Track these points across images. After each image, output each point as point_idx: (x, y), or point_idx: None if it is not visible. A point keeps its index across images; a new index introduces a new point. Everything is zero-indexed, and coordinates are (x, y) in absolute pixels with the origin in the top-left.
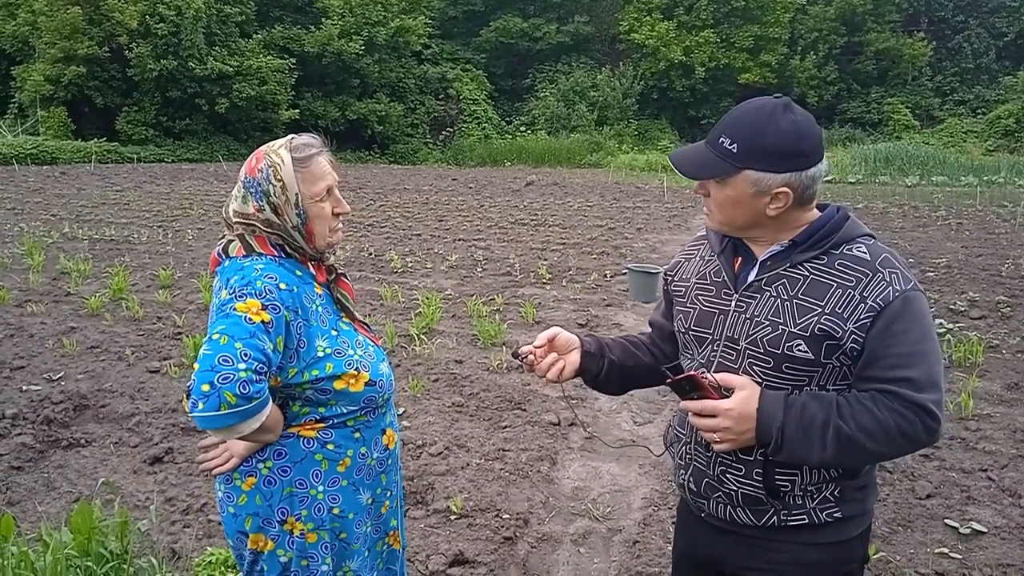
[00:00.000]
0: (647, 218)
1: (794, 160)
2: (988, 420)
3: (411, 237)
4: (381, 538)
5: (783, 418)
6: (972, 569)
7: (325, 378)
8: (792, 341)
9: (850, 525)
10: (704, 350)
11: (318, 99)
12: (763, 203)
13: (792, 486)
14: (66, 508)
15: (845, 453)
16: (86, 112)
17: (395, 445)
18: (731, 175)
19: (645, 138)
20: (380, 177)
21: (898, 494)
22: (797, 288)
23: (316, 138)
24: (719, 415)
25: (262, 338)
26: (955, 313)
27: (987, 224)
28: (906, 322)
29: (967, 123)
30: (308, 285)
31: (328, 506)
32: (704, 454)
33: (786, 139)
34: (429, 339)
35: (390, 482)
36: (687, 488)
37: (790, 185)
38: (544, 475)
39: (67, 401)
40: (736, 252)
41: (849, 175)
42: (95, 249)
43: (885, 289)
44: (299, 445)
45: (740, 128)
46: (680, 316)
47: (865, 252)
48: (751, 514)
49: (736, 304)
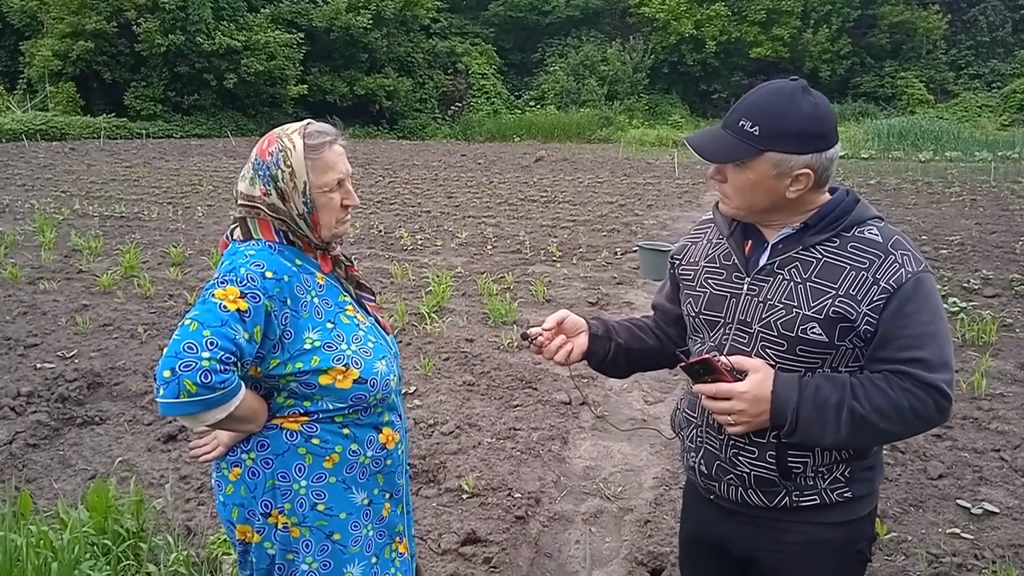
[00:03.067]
0: (658, 194)
1: (815, 142)
2: (1001, 400)
3: (420, 214)
4: (388, 544)
5: (798, 400)
6: (984, 550)
7: (310, 371)
8: (806, 324)
9: (859, 505)
10: (716, 333)
11: (326, 74)
12: (783, 185)
13: (804, 467)
14: (82, 486)
15: (858, 433)
16: (95, 88)
17: (396, 446)
18: (753, 158)
19: (656, 113)
20: (389, 153)
21: (910, 474)
22: (810, 271)
23: (332, 127)
24: (734, 398)
25: (235, 327)
26: (968, 291)
27: (1002, 200)
28: (918, 303)
29: (982, 97)
30: (309, 275)
31: (312, 502)
32: (716, 437)
33: (807, 121)
34: (439, 317)
35: (391, 484)
36: (698, 471)
37: (811, 167)
38: (555, 454)
39: (81, 379)
40: (746, 235)
41: (862, 150)
42: (106, 226)
43: (898, 271)
44: (281, 438)
45: (760, 111)
46: (689, 300)
47: (876, 234)
48: (763, 496)
49: (748, 287)
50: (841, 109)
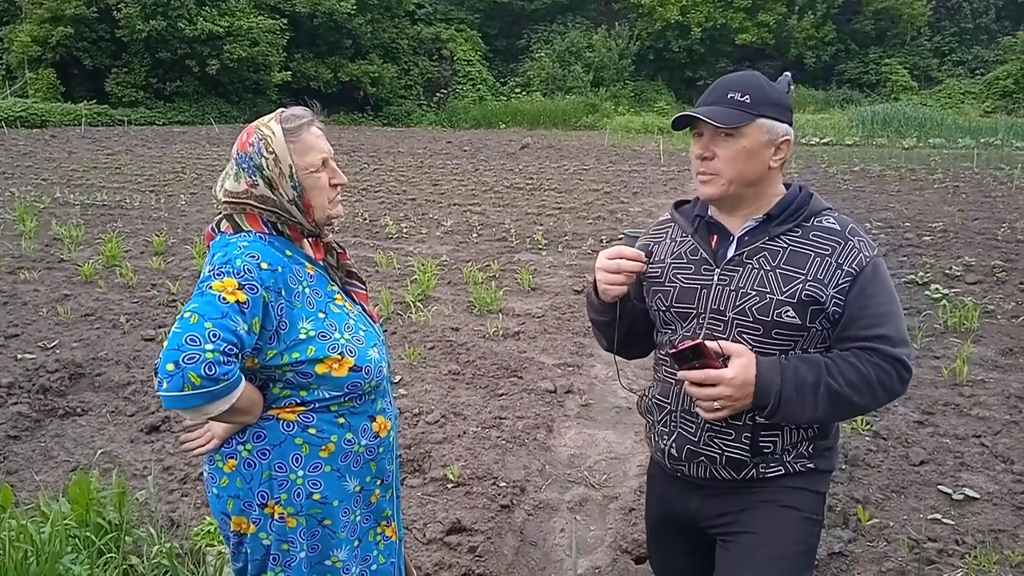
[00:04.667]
0: (643, 182)
1: (788, 113)
2: (982, 386)
3: (406, 202)
4: (372, 527)
5: (780, 382)
6: (964, 535)
7: (306, 361)
8: (780, 308)
9: (817, 479)
10: (689, 324)
11: (310, 60)
12: (769, 154)
13: (774, 446)
14: (63, 477)
15: (834, 408)
16: (75, 74)
17: (388, 433)
18: (748, 124)
19: (641, 99)
20: (374, 140)
21: (892, 460)
22: (778, 259)
23: (306, 110)
24: (721, 384)
25: (235, 319)
26: (951, 278)
27: (984, 187)
28: (877, 285)
29: (965, 84)
30: (299, 265)
31: (308, 491)
32: (691, 421)
33: (781, 95)
34: (425, 306)
35: (382, 470)
36: (667, 454)
37: (790, 136)
38: (540, 443)
39: (62, 370)
40: (711, 230)
41: (846, 137)
42: (87, 214)
43: (858, 255)
44: (278, 428)
45: (747, 85)
46: (658, 296)
47: (834, 223)
48: (731, 471)
49: (719, 278)
50: (826, 96)
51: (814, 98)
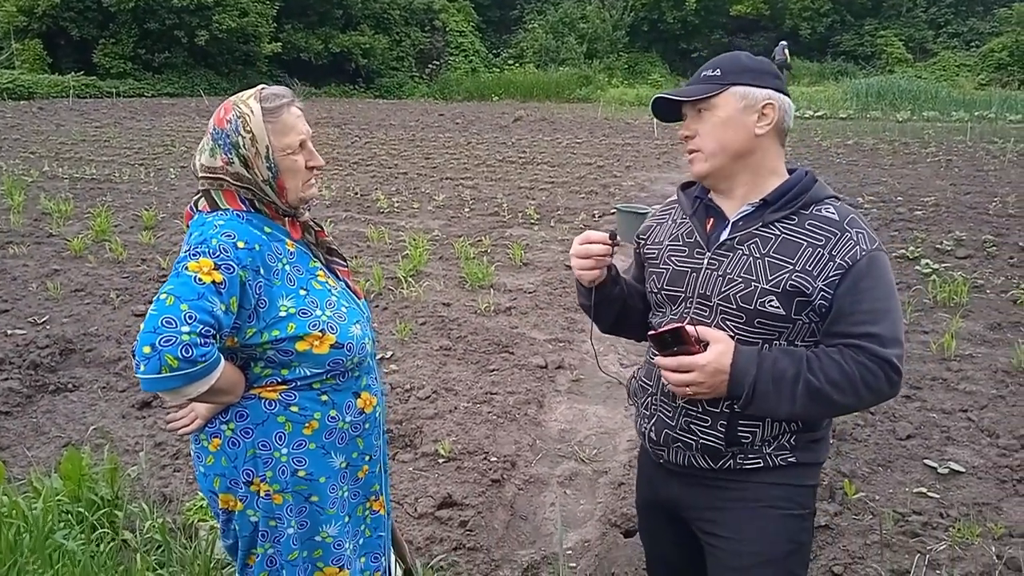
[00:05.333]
0: (636, 155)
1: (771, 79)
2: (970, 360)
3: (397, 176)
4: (361, 503)
5: (756, 373)
6: (949, 508)
7: (287, 339)
8: (764, 297)
9: (802, 472)
10: (677, 308)
11: (300, 31)
12: (751, 121)
13: (753, 437)
14: (55, 453)
15: (813, 405)
16: (62, 45)
17: (373, 409)
18: (720, 94)
19: (635, 72)
20: (365, 112)
21: (879, 435)
22: (769, 247)
23: (287, 89)
24: (695, 370)
25: (211, 299)
26: (941, 252)
27: (976, 161)
28: (872, 280)
29: (960, 56)
30: (278, 242)
31: (293, 468)
32: (669, 405)
33: (759, 62)
34: (416, 281)
35: (368, 446)
36: (647, 437)
37: (774, 100)
38: (531, 418)
39: (53, 345)
40: (708, 213)
41: (840, 110)
42: (76, 188)
43: (853, 248)
44: (260, 407)
45: (718, 61)
46: (653, 277)
47: (833, 213)
48: (709, 459)
49: (708, 262)
50: (821, 68)
51: (809, 70)
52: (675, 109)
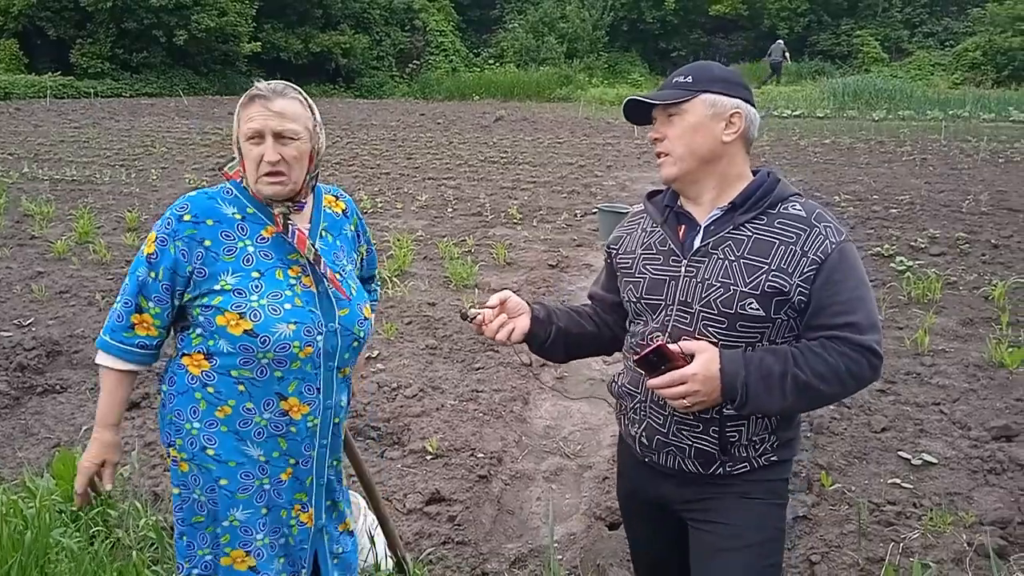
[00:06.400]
0: (617, 155)
1: (740, 89)
2: (943, 355)
3: (380, 176)
4: (286, 507)
5: (745, 374)
6: (922, 498)
7: (212, 308)
8: (744, 300)
9: (781, 468)
10: (658, 316)
11: (280, 31)
12: (719, 128)
13: (739, 436)
14: (46, 454)
15: (803, 398)
16: (38, 44)
17: (303, 418)
18: (690, 100)
19: (615, 71)
20: (346, 112)
21: (854, 428)
22: (743, 248)
23: (279, 86)
24: (687, 381)
25: (141, 269)
26: (915, 250)
27: (950, 159)
28: (844, 271)
29: (935, 56)
30: (257, 224)
31: (202, 444)
32: (660, 412)
33: (729, 72)
34: (401, 281)
35: (294, 451)
36: (638, 441)
37: (741, 109)
38: (517, 415)
39: (39, 347)
40: (679, 220)
41: (818, 109)
42: (57, 190)
43: (823, 243)
44: (184, 378)
45: (690, 68)
46: (629, 287)
47: (800, 209)
48: (699, 465)
49: (686, 269)
50: (798, 67)
51: (787, 69)
52: (646, 112)
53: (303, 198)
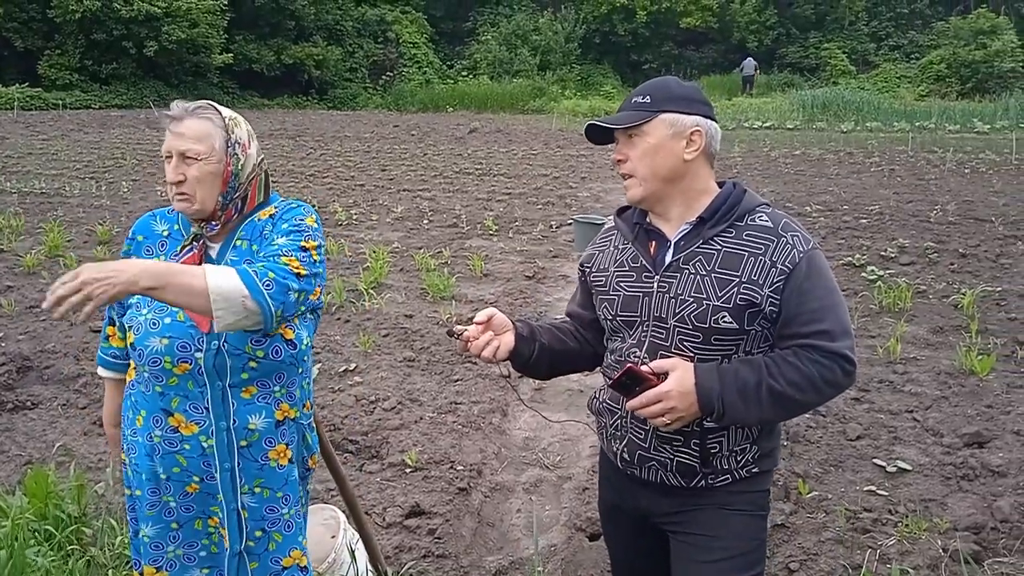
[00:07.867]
0: (591, 166)
1: (699, 106)
2: (915, 363)
3: (354, 188)
4: (199, 517)
5: (720, 387)
6: (897, 504)
7: (128, 320)
8: (717, 314)
9: (762, 479)
10: (635, 332)
11: (252, 42)
12: (680, 147)
13: (720, 447)
14: (17, 471)
15: (779, 407)
16: (5, 56)
17: (194, 435)
18: (650, 121)
19: (588, 83)
20: (319, 124)
21: (830, 436)
22: (713, 262)
23: (192, 105)
24: (663, 399)
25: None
26: (886, 259)
27: (918, 170)
28: (813, 280)
29: (901, 68)
30: (172, 241)
31: (128, 449)
32: (641, 428)
33: (689, 89)
34: (378, 293)
35: (194, 468)
36: (620, 457)
37: (701, 127)
38: (496, 427)
39: (9, 363)
40: (649, 237)
41: (787, 121)
42: (26, 203)
43: (791, 252)
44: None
45: (648, 87)
46: (604, 305)
47: (767, 220)
48: (681, 479)
49: (658, 285)
50: (768, 80)
51: (756, 82)
52: (608, 132)
53: (216, 219)
